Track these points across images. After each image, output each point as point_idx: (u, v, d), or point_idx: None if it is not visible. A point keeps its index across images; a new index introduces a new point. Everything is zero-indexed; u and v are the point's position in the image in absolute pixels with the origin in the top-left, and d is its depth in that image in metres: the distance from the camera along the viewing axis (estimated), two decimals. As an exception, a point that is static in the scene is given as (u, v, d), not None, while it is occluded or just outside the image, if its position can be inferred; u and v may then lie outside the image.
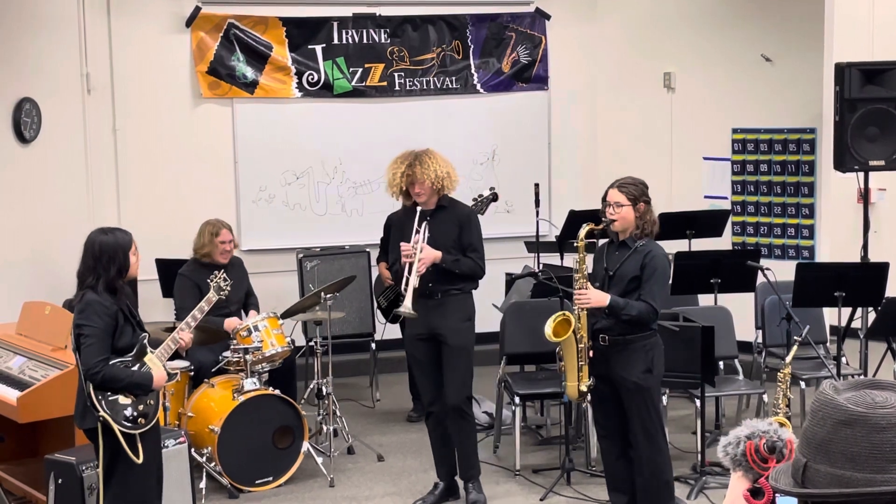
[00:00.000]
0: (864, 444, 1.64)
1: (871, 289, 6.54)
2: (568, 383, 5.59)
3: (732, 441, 2.15)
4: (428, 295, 5.91)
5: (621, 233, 5.50)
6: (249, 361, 6.56)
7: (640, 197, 5.45)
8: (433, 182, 5.86)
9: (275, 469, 6.49)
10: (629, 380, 5.43)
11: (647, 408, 5.46)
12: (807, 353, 6.64)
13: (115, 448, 4.71)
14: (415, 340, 6.06)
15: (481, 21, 9.32)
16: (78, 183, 8.24)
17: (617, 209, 5.44)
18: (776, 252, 8.74)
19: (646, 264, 5.41)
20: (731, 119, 8.91)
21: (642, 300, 5.38)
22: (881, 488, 1.63)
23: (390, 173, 5.93)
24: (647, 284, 5.40)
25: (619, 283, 5.46)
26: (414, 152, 5.94)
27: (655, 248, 5.51)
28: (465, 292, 6.01)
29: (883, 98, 7.12)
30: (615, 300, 5.38)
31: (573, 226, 7.79)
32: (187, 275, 7.20)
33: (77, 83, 8.29)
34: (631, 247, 5.47)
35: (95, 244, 4.82)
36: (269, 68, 8.90)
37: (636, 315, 5.36)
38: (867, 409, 1.66)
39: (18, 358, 6.00)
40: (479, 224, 6.10)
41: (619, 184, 5.49)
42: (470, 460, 6.09)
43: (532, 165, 9.36)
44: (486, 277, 6.14)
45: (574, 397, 5.63)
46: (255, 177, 8.96)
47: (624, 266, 5.45)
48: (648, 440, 5.48)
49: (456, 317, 5.96)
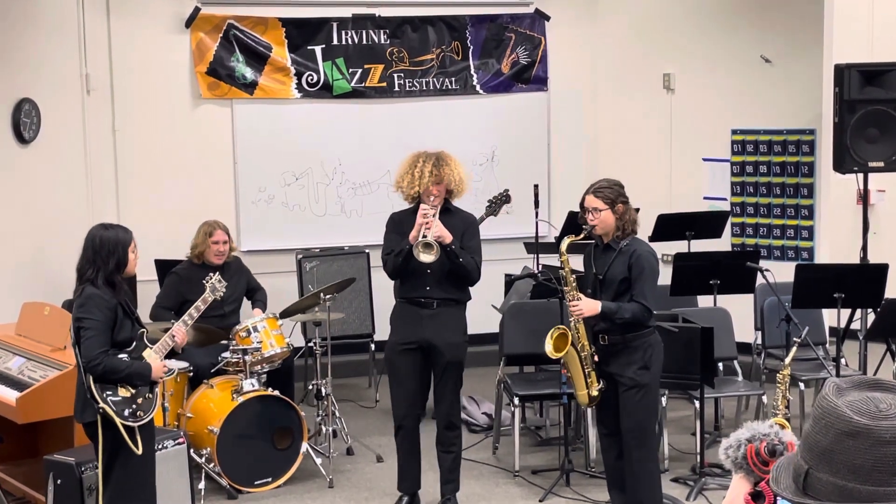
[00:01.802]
0: (867, 456, 1.64)
1: (870, 290, 6.54)
2: (577, 392, 5.63)
3: (733, 444, 2.16)
4: (423, 304, 5.85)
5: (604, 236, 5.53)
6: (248, 362, 6.56)
7: (616, 199, 5.48)
8: (456, 184, 5.82)
9: (274, 470, 6.49)
10: (626, 376, 5.50)
11: (641, 402, 5.50)
12: (806, 355, 6.65)
13: (114, 442, 4.74)
14: (399, 349, 5.90)
15: (481, 22, 9.32)
16: (77, 183, 8.24)
17: (596, 214, 5.48)
18: (775, 253, 8.75)
19: (632, 264, 5.45)
20: (730, 120, 8.91)
21: (634, 301, 5.43)
22: (883, 503, 1.63)
23: (415, 171, 5.74)
24: (636, 285, 5.44)
25: (609, 287, 5.50)
26: (433, 153, 5.84)
27: (640, 246, 5.53)
28: (461, 303, 5.94)
29: (882, 99, 7.11)
30: (607, 306, 5.43)
31: (573, 227, 7.79)
32: (178, 273, 7.22)
33: (77, 84, 8.29)
34: (616, 248, 5.51)
35: (96, 238, 4.89)
36: (269, 69, 8.90)
37: (630, 318, 5.43)
38: (871, 419, 1.65)
39: (18, 358, 6.00)
40: (479, 231, 6.07)
41: (594, 189, 5.52)
42: (454, 473, 6.05)
43: (531, 166, 9.36)
44: (485, 278, 6.12)
45: (586, 404, 5.68)
46: (255, 177, 8.96)
47: (612, 269, 5.50)
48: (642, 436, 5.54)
49: (454, 331, 5.88)
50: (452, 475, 6.04)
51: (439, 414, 6.01)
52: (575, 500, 6.27)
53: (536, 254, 7.89)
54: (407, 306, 5.89)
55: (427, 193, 5.74)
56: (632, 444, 5.55)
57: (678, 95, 9.18)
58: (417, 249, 5.65)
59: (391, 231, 5.94)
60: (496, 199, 7.74)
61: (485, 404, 7.76)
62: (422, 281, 5.82)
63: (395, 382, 6.00)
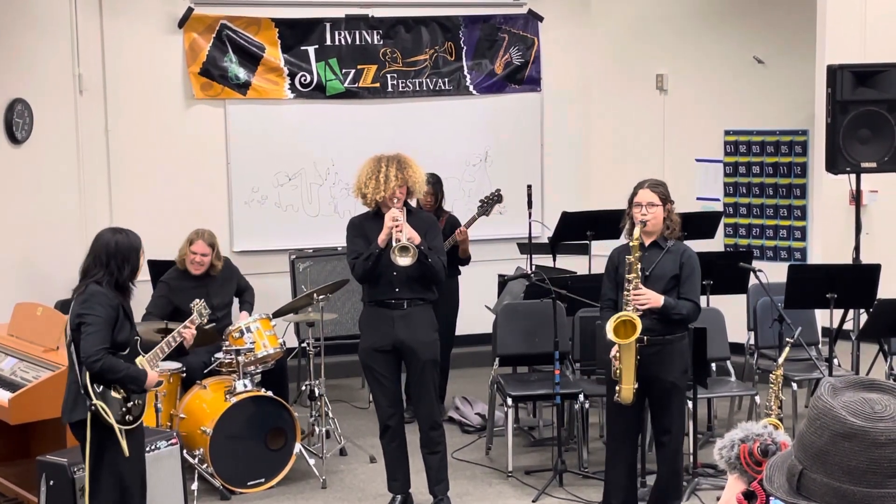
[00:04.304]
0: (862, 458, 1.64)
1: (862, 290, 6.54)
2: (623, 386, 5.46)
3: (727, 444, 2.16)
4: (393, 305, 5.84)
5: (651, 233, 5.54)
6: (242, 363, 6.55)
7: (668, 197, 5.56)
8: (419, 186, 5.85)
9: (267, 470, 6.48)
10: (667, 380, 5.52)
11: (679, 406, 5.62)
12: (799, 355, 6.65)
13: (101, 443, 4.74)
14: (373, 353, 5.91)
15: (474, 22, 9.32)
16: (70, 184, 8.23)
17: (650, 209, 5.50)
18: (768, 254, 8.76)
19: (684, 263, 5.52)
20: (723, 121, 8.92)
21: (686, 298, 5.47)
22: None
23: (379, 176, 5.71)
24: (688, 283, 5.50)
25: (656, 283, 5.50)
26: (392, 156, 5.82)
27: (688, 247, 5.63)
28: (429, 302, 5.94)
29: (875, 100, 7.13)
30: (668, 300, 5.44)
31: (566, 227, 7.83)
32: (167, 283, 7.19)
33: (69, 84, 8.27)
34: (663, 247, 5.55)
35: (111, 243, 4.85)
36: (262, 69, 8.89)
37: (685, 314, 5.48)
38: (866, 421, 1.65)
39: (10, 359, 5.99)
40: (440, 230, 6.11)
41: (649, 184, 5.57)
42: (442, 473, 6.05)
43: (525, 167, 9.36)
44: (478, 279, 6.14)
45: (629, 400, 5.47)
46: (248, 178, 8.95)
47: (660, 266, 5.51)
48: (679, 435, 5.64)
49: (425, 329, 5.89)
50: (442, 475, 6.04)
51: (421, 416, 5.99)
52: (568, 500, 6.27)
53: (530, 254, 7.89)
54: (377, 309, 5.89)
55: (392, 197, 5.74)
56: (671, 445, 5.62)
57: (671, 96, 9.19)
58: (394, 254, 5.64)
59: (355, 236, 5.92)
60: (488, 199, 7.75)
61: (478, 405, 7.76)
62: (390, 283, 5.82)
63: (374, 385, 6.03)
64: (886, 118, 7.14)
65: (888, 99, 7.15)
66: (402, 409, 6.09)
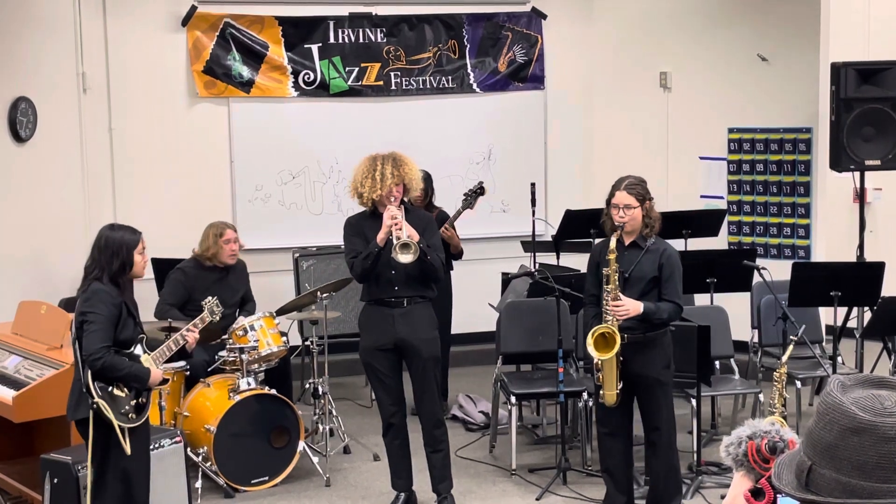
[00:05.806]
0: (871, 453, 1.63)
1: (866, 288, 6.55)
2: (606, 392, 5.51)
3: (734, 441, 2.15)
4: (393, 304, 5.85)
5: (630, 233, 5.50)
6: (245, 361, 6.55)
7: (646, 196, 5.48)
8: (415, 183, 5.84)
9: (271, 468, 6.48)
10: (650, 376, 5.49)
11: (666, 401, 5.58)
12: (802, 353, 6.65)
13: (105, 441, 4.74)
14: (375, 351, 5.91)
15: (477, 20, 9.31)
16: (74, 182, 8.23)
17: (627, 211, 5.42)
18: (772, 252, 8.75)
19: (663, 263, 5.46)
20: (727, 118, 8.91)
21: (667, 300, 5.43)
22: (887, 500, 1.63)
23: (375, 174, 5.70)
24: (668, 284, 5.45)
25: (636, 285, 5.47)
26: (387, 154, 5.81)
27: (668, 246, 5.58)
28: (428, 299, 5.94)
29: (879, 98, 7.13)
30: (648, 306, 5.40)
31: (569, 225, 7.81)
32: (184, 271, 7.18)
33: (73, 82, 8.27)
34: (643, 247, 5.49)
35: (102, 238, 4.92)
36: (266, 67, 8.89)
37: (667, 317, 5.44)
38: (875, 416, 1.64)
39: (14, 357, 5.99)
40: (437, 227, 6.11)
41: (625, 185, 5.46)
42: (446, 471, 6.05)
43: (528, 165, 9.36)
44: (482, 277, 6.13)
45: (613, 403, 5.53)
46: (252, 176, 8.95)
47: (640, 267, 5.47)
48: (669, 430, 5.61)
49: (425, 327, 5.90)
50: (445, 472, 6.04)
51: (424, 413, 5.99)
52: (572, 498, 6.27)
53: (533, 252, 7.88)
54: (377, 308, 5.90)
55: (389, 195, 5.73)
56: (661, 441, 5.59)
57: (675, 94, 9.18)
58: (396, 251, 5.62)
59: (352, 235, 5.90)
60: (471, 192, 7.75)
61: (482, 403, 7.76)
62: (389, 282, 5.82)
63: (376, 383, 6.04)
64: (890, 116, 7.13)
65: (892, 96, 7.15)
66: (405, 407, 6.09)
